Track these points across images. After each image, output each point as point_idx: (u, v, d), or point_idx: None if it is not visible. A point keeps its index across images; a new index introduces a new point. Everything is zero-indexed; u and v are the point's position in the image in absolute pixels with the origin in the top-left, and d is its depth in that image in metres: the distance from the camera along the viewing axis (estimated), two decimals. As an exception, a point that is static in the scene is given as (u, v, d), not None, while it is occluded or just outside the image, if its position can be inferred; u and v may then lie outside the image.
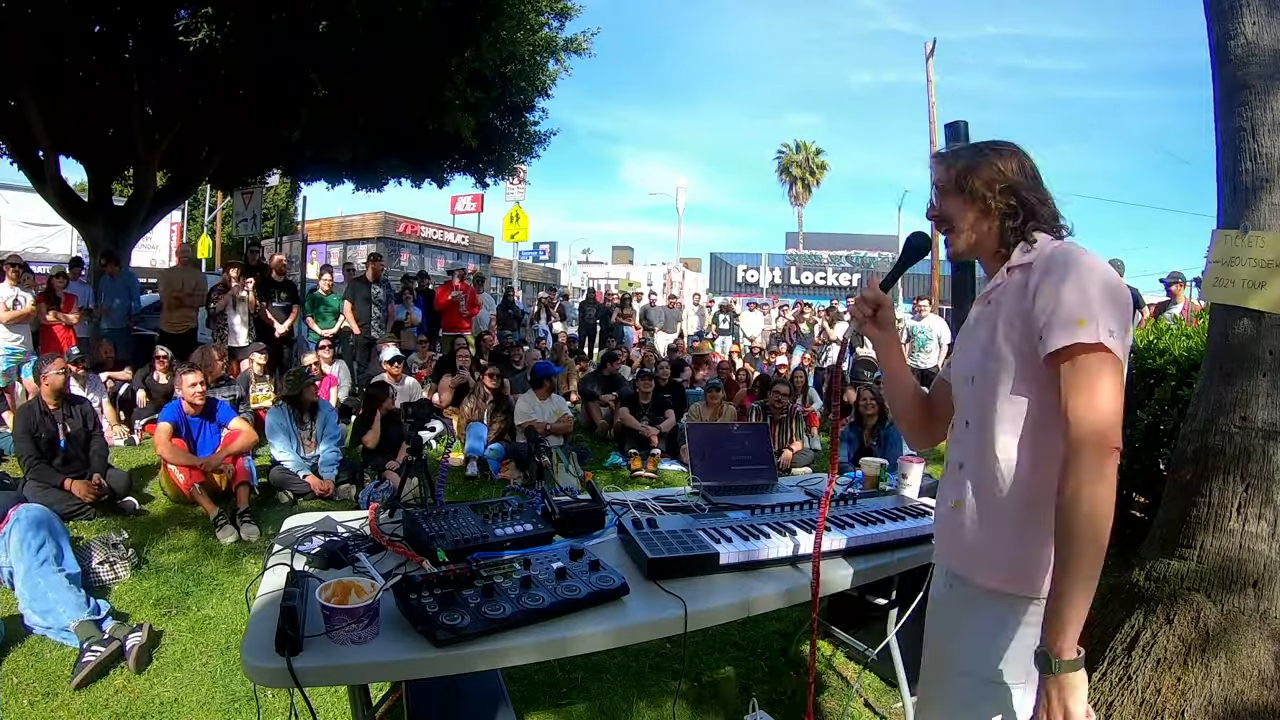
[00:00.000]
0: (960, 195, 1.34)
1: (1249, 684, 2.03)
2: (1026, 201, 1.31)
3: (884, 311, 1.49)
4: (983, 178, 1.32)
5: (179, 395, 4.63)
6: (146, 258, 16.82)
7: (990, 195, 1.32)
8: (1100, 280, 1.17)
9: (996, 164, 1.32)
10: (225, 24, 6.47)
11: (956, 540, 1.36)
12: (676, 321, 12.38)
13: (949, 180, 1.36)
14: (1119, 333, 1.15)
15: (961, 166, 1.34)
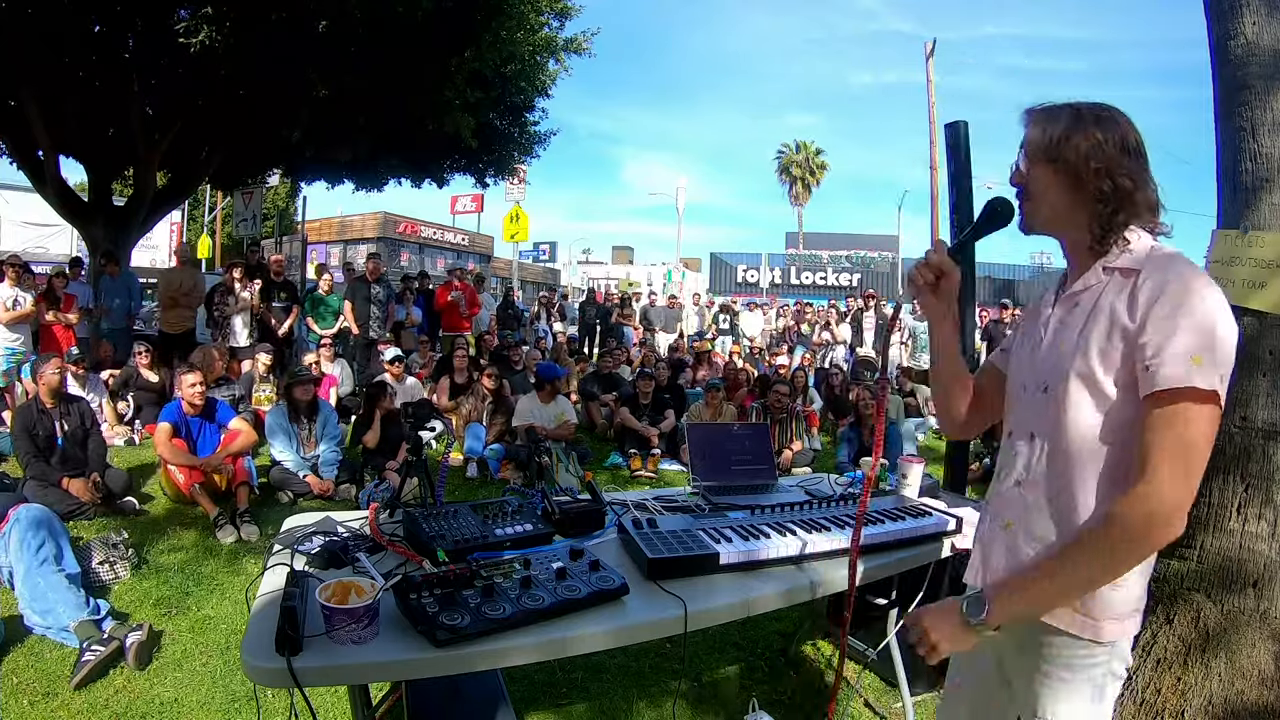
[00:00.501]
0: (1051, 165, 1.17)
1: (1249, 684, 2.03)
2: (1122, 188, 1.13)
3: (947, 282, 1.31)
4: (1080, 150, 1.14)
5: (178, 395, 4.63)
6: (146, 258, 16.84)
7: (1085, 172, 1.14)
8: (1220, 310, 1.04)
9: (1097, 135, 1.14)
10: (225, 24, 6.47)
11: (1008, 566, 1.25)
12: (676, 321, 12.38)
13: (1041, 144, 1.18)
14: (1228, 377, 1.04)
15: (1058, 132, 1.16)
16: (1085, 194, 1.15)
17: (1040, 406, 1.21)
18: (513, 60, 9.11)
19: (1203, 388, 1.01)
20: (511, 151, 11.86)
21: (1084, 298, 1.17)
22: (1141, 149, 1.16)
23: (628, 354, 9.44)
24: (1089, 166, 1.13)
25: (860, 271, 28.06)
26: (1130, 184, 1.13)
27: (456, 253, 28.26)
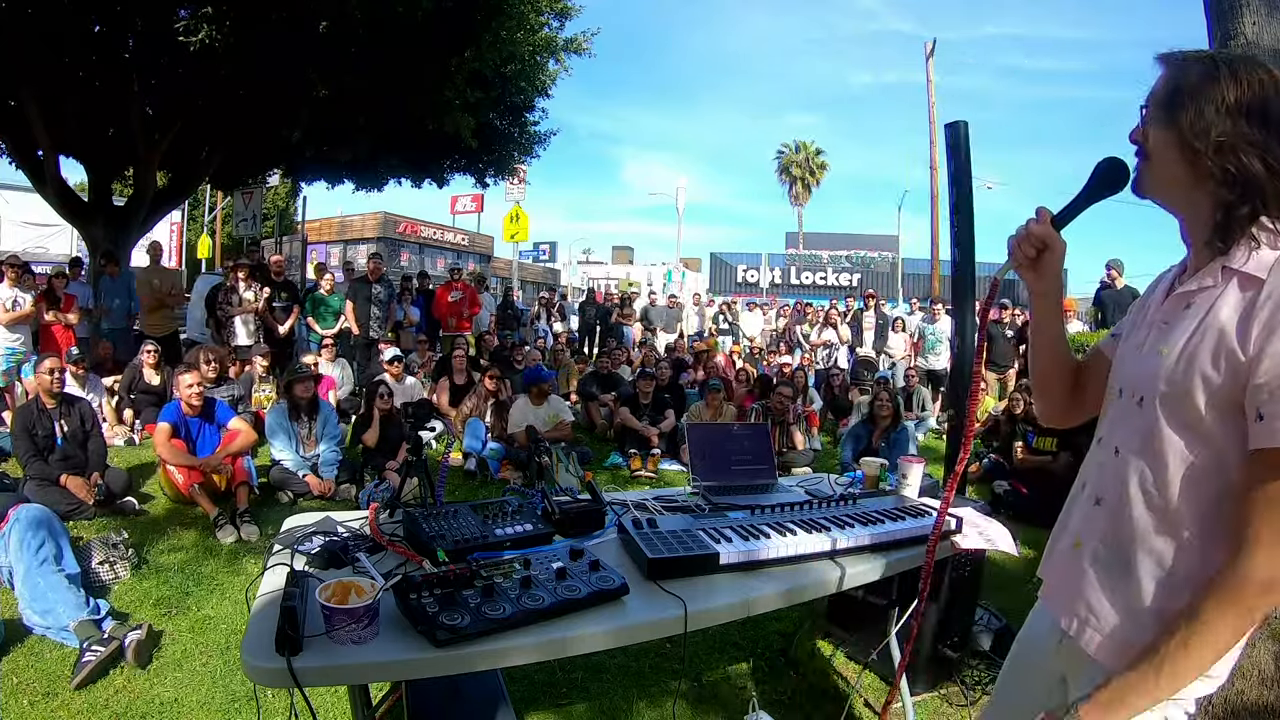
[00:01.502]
0: (1169, 129, 0.98)
1: (1249, 684, 2.03)
2: (1252, 172, 0.92)
3: (1050, 255, 1.15)
4: (1204, 116, 0.94)
5: (177, 396, 4.63)
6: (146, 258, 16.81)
7: (1205, 145, 0.94)
8: None
9: (1230, 98, 0.93)
10: (225, 24, 6.47)
11: (1074, 589, 1.13)
12: (676, 321, 12.38)
13: (1162, 100, 1.00)
14: None
15: (1182, 87, 0.97)
16: (1205, 172, 0.96)
17: (1132, 418, 1.06)
18: (513, 60, 9.11)
19: None
20: (511, 151, 11.87)
21: (1198, 299, 0.99)
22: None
23: (628, 354, 9.44)
24: (1209, 139, 0.94)
25: (860, 271, 28.07)
26: (1262, 167, 0.92)
27: (456, 253, 28.25)
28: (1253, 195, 0.93)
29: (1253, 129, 0.92)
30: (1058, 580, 1.18)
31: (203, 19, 6.45)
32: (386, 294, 8.27)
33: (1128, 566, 1.04)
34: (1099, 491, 1.11)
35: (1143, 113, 1.03)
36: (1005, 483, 5.26)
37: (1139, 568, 1.03)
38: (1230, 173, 0.93)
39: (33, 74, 7.45)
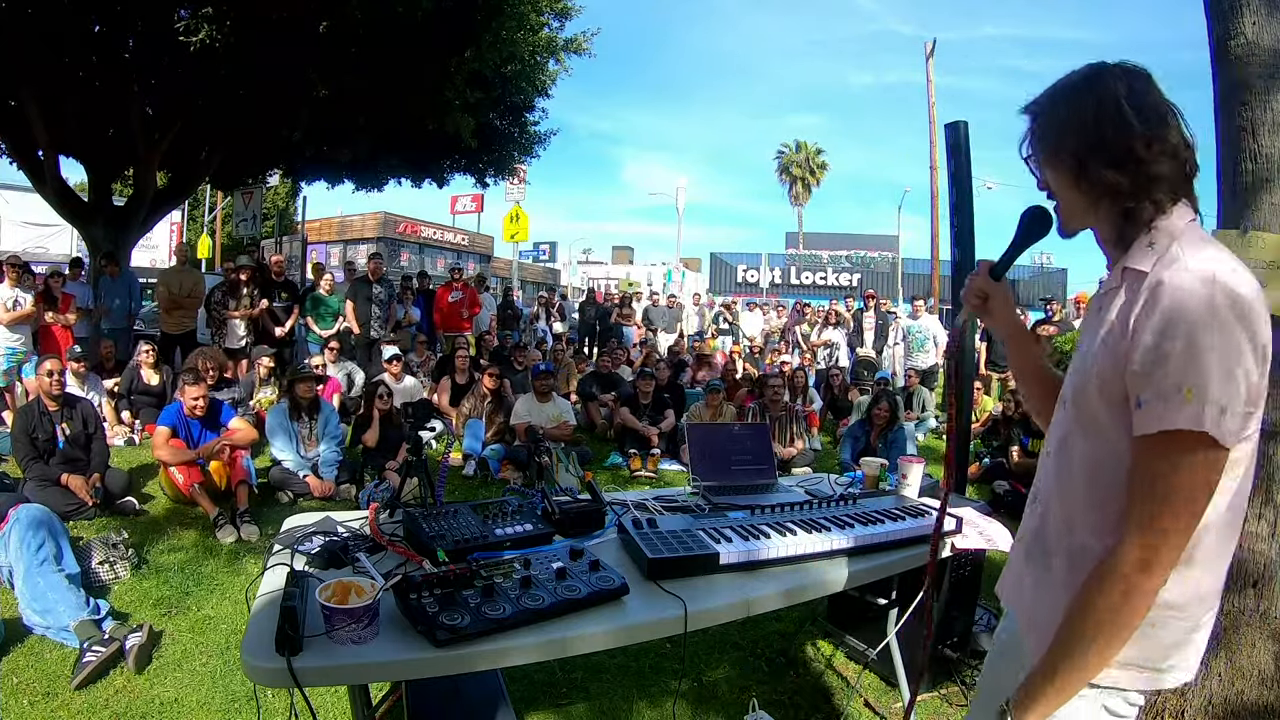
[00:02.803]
0: (1049, 166, 1.06)
1: (1249, 684, 2.03)
2: (1107, 180, 0.99)
3: (994, 300, 1.28)
4: (1058, 140, 1.03)
5: (178, 398, 4.62)
6: (146, 258, 16.85)
7: (1076, 166, 1.02)
8: (1220, 325, 0.88)
9: (1075, 118, 1.01)
10: (225, 24, 6.47)
11: (1016, 586, 1.20)
12: (676, 321, 12.38)
13: (1036, 142, 1.08)
14: (1234, 406, 0.88)
15: (1042, 124, 1.06)
16: (1089, 191, 1.03)
17: (1059, 421, 1.13)
18: (513, 60, 9.10)
19: (1185, 428, 0.88)
20: (511, 151, 11.86)
21: (1105, 301, 1.04)
22: (1149, 108, 0.98)
23: (628, 354, 9.43)
24: (1077, 158, 1.01)
25: (860, 271, 28.08)
26: (1113, 171, 0.99)
27: (456, 253, 28.26)
28: (1139, 188, 0.99)
29: (1108, 133, 0.98)
30: (1010, 578, 1.25)
31: (203, 19, 6.45)
32: (386, 294, 8.27)
33: (1049, 561, 1.10)
34: (1035, 491, 1.19)
35: (1028, 164, 1.11)
36: (1005, 483, 5.26)
37: (1056, 562, 1.08)
38: (1110, 181, 1.00)
39: (33, 74, 7.44)
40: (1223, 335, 0.88)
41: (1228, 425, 0.88)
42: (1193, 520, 0.93)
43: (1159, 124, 0.98)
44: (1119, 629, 0.95)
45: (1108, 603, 0.94)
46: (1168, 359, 0.89)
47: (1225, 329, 0.88)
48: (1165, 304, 0.91)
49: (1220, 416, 0.88)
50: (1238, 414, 0.89)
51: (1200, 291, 0.89)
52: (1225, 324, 0.88)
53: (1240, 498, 1.02)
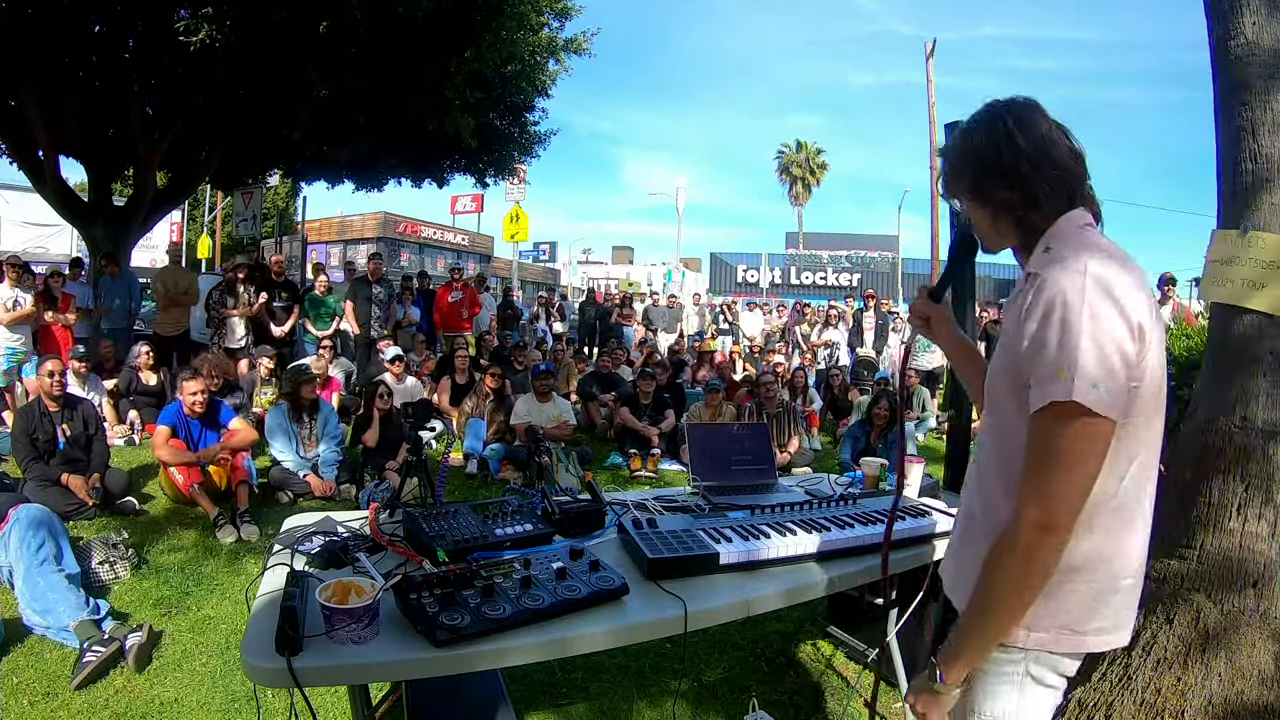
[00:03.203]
0: (961, 195, 1.23)
1: (1249, 684, 2.03)
2: (1019, 189, 1.13)
3: (935, 321, 1.48)
4: (962, 172, 1.20)
5: (178, 398, 4.62)
6: (146, 258, 16.83)
7: (978, 191, 1.18)
8: (1091, 309, 1.00)
9: (973, 151, 1.17)
10: (225, 24, 6.47)
11: (949, 556, 1.34)
12: (677, 321, 12.38)
13: (947, 177, 1.25)
14: (1109, 381, 0.99)
15: (948, 164, 1.24)
16: (990, 206, 1.18)
17: (984, 412, 1.27)
18: (513, 60, 9.11)
19: (1059, 400, 0.99)
20: (511, 151, 11.86)
21: (1014, 303, 1.17)
22: (1034, 132, 1.13)
23: (628, 354, 9.43)
24: (979, 185, 1.17)
25: (860, 271, 28.07)
26: (1021, 181, 1.12)
27: (456, 253, 28.25)
28: (1028, 203, 1.14)
29: (1002, 155, 1.13)
30: (947, 555, 1.37)
31: (203, 19, 6.45)
32: (386, 294, 8.27)
33: (973, 534, 1.22)
34: (967, 477, 1.34)
35: (945, 199, 1.29)
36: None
37: (977, 534, 1.20)
38: (1006, 197, 1.15)
39: (33, 74, 7.44)
40: (1092, 316, 0.99)
41: (1102, 396, 0.99)
42: (1082, 483, 1.02)
43: (1044, 144, 1.12)
44: (1025, 586, 1.06)
45: (1013, 561, 1.05)
46: (1047, 343, 1.01)
47: (1095, 311, 0.99)
48: (1045, 295, 1.03)
49: (1093, 389, 0.98)
50: (1115, 387, 0.99)
51: (1073, 281, 1.02)
52: (1094, 307, 0.99)
53: (1147, 474, 1.13)
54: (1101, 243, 1.10)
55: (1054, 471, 1.02)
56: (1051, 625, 1.13)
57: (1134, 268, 1.06)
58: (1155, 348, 1.06)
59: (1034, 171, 1.12)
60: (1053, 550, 1.04)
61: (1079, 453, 1.02)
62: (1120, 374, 1.00)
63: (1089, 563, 1.11)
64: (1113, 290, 1.01)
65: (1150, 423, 1.10)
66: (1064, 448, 1.02)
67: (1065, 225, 1.13)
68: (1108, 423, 1.01)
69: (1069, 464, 1.02)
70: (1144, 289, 1.05)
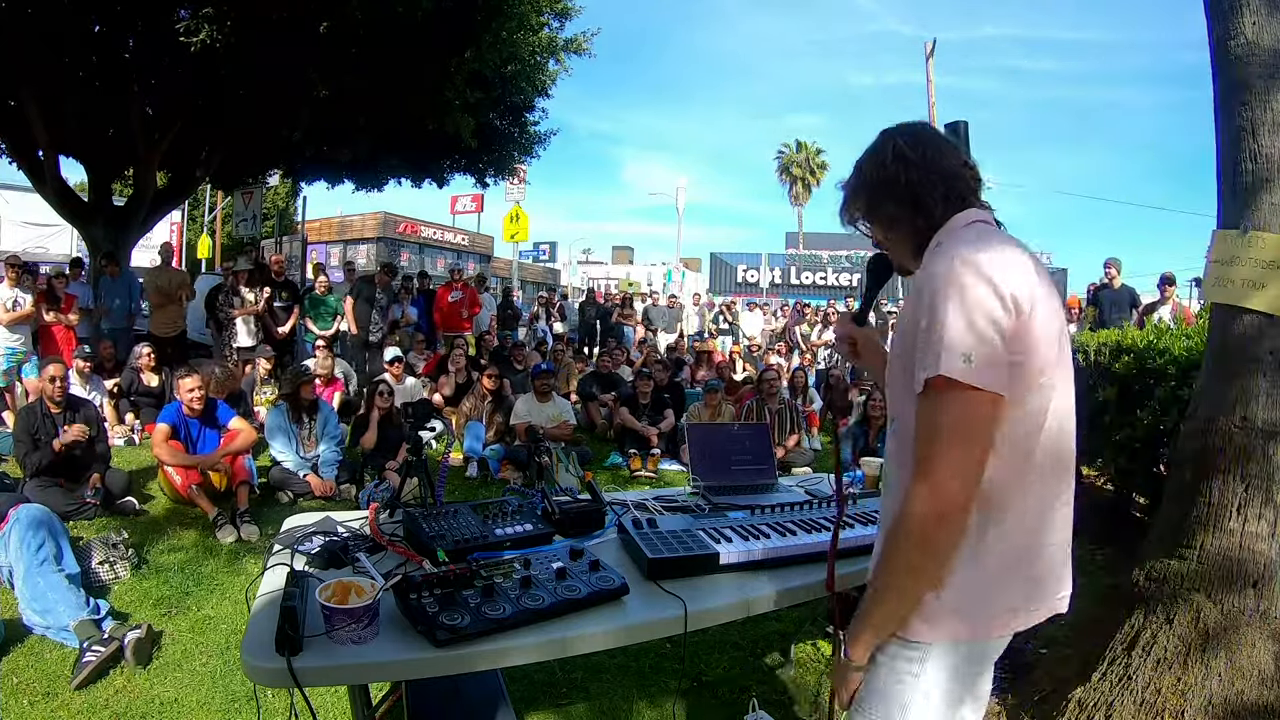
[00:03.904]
0: (860, 218, 1.27)
1: (1249, 684, 2.03)
2: (906, 200, 1.18)
3: (863, 344, 1.50)
4: (857, 195, 1.25)
5: (177, 397, 4.62)
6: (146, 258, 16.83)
7: (871, 208, 1.24)
8: (958, 286, 1.02)
9: (865, 175, 1.23)
10: (225, 24, 6.47)
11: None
12: (676, 321, 12.39)
13: (844, 207, 1.29)
14: (982, 351, 1.00)
15: (847, 192, 1.27)
16: (887, 221, 1.23)
17: (889, 410, 1.30)
18: (513, 60, 9.11)
19: (929, 375, 1.01)
20: (511, 151, 11.86)
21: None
22: (920, 149, 1.17)
23: (627, 354, 9.43)
24: (871, 202, 1.22)
25: (860, 272, 28.03)
26: (909, 193, 1.16)
27: (456, 253, 28.23)
28: (918, 211, 1.17)
29: (888, 171, 1.18)
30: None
31: (203, 19, 6.45)
32: (387, 299, 8.29)
33: (885, 523, 1.23)
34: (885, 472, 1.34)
35: (853, 226, 1.30)
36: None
37: (886, 515, 1.22)
38: (894, 213, 1.20)
39: (33, 74, 7.44)
40: (961, 293, 1.01)
41: (974, 370, 0.99)
42: (967, 457, 1.01)
43: (932, 157, 1.16)
44: (919, 567, 1.06)
45: (907, 542, 1.05)
46: (919, 326, 1.04)
47: (964, 289, 1.01)
48: (921, 284, 1.07)
49: (965, 363, 0.99)
50: (988, 358, 0.99)
51: (946, 267, 1.04)
52: (963, 285, 1.01)
53: (1039, 459, 1.11)
54: (987, 233, 1.12)
55: (938, 450, 1.01)
56: (939, 615, 1.11)
57: (1013, 249, 1.07)
58: (1043, 323, 1.04)
59: (921, 178, 1.15)
60: (946, 531, 1.02)
61: (960, 429, 1.01)
62: (995, 344, 1.00)
63: (984, 547, 1.10)
64: (981, 266, 1.02)
65: (1036, 397, 1.08)
66: (944, 421, 1.02)
67: (956, 221, 1.16)
68: (986, 395, 1.00)
69: (951, 437, 1.01)
70: (1024, 266, 1.05)
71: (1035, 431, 1.09)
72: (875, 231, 1.26)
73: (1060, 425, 1.12)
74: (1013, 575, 1.13)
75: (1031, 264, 1.07)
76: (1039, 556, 1.14)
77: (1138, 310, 7.44)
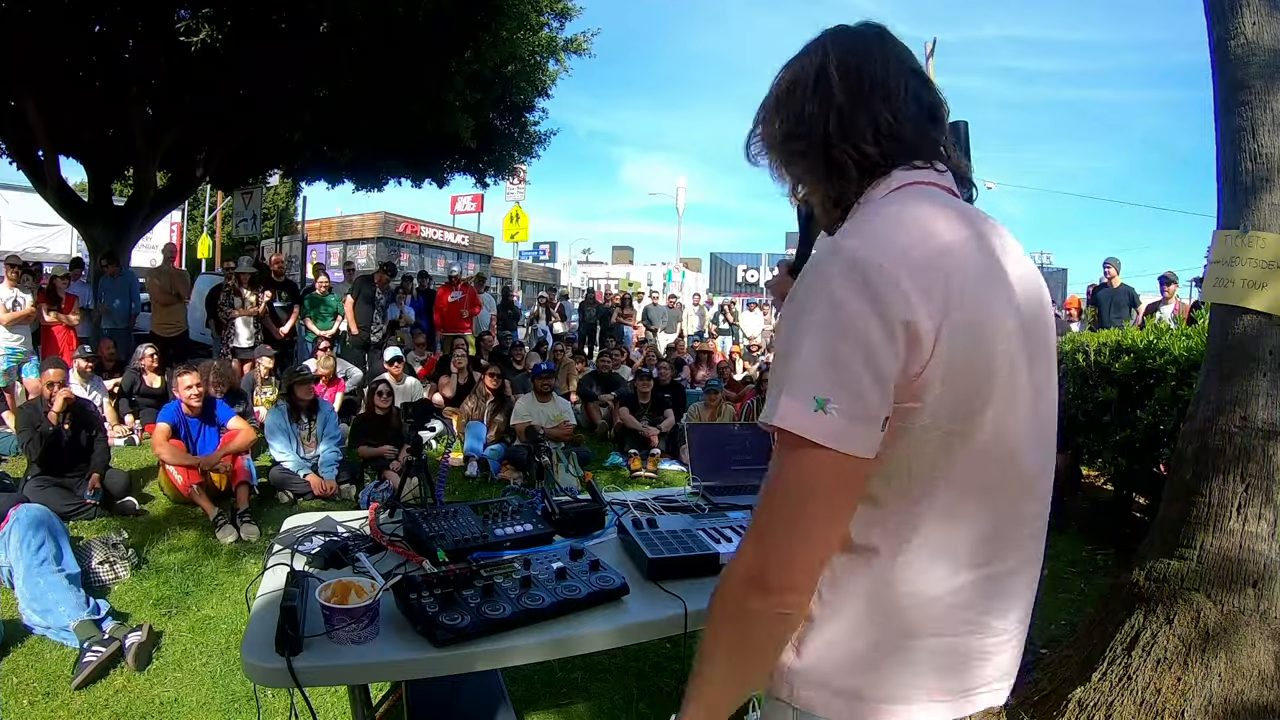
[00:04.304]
0: (762, 149, 0.92)
1: (1249, 684, 2.03)
2: (815, 146, 0.84)
3: None
4: (763, 124, 0.90)
5: (176, 396, 4.62)
6: (146, 258, 16.84)
7: (772, 149, 0.90)
8: (827, 299, 0.72)
9: (774, 97, 0.88)
10: (225, 24, 6.47)
11: None
12: (676, 321, 12.40)
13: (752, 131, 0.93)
14: (842, 401, 0.70)
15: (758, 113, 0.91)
16: (796, 171, 0.90)
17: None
18: (513, 60, 9.12)
19: (770, 423, 0.74)
20: (511, 151, 11.88)
21: None
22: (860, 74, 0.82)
23: (627, 354, 9.44)
24: (772, 140, 0.89)
25: (860, 271, 27.99)
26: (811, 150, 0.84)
27: (456, 253, 28.26)
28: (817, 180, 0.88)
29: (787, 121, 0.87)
30: None
31: (203, 20, 6.45)
32: (386, 299, 8.30)
33: None
34: None
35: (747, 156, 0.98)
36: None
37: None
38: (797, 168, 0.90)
39: (33, 74, 7.45)
40: (831, 310, 0.72)
41: (829, 422, 0.70)
42: (808, 531, 0.75)
43: (870, 90, 0.82)
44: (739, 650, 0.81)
45: (723, 617, 0.81)
46: (778, 352, 0.77)
47: (835, 305, 0.71)
48: (798, 280, 0.78)
49: (814, 411, 0.71)
50: (856, 414, 0.71)
51: (824, 266, 0.75)
52: (835, 299, 0.72)
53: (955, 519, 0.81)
54: (913, 206, 0.79)
55: (773, 515, 0.76)
56: (813, 683, 0.85)
57: (941, 237, 0.76)
58: (967, 346, 0.74)
59: (842, 128, 0.82)
60: (771, 615, 0.77)
61: (801, 497, 0.75)
62: (865, 390, 0.71)
63: (867, 611, 0.82)
64: (869, 273, 0.71)
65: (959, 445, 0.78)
66: (784, 487, 0.76)
67: (880, 187, 0.83)
68: (843, 459, 0.72)
69: (790, 509, 0.75)
70: (951, 265, 0.74)
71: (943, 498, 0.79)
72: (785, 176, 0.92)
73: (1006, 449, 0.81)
74: (888, 656, 0.83)
75: (969, 258, 0.77)
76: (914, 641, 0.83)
77: (1137, 310, 7.44)
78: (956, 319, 0.73)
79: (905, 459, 0.78)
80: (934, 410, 0.75)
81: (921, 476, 0.78)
